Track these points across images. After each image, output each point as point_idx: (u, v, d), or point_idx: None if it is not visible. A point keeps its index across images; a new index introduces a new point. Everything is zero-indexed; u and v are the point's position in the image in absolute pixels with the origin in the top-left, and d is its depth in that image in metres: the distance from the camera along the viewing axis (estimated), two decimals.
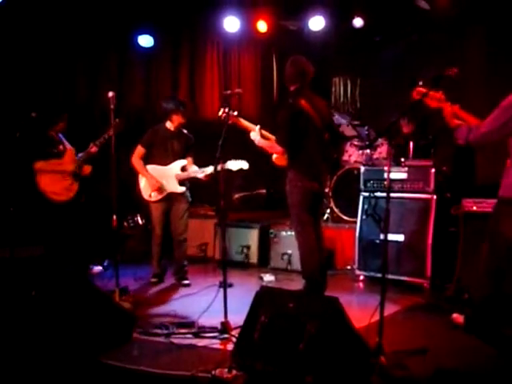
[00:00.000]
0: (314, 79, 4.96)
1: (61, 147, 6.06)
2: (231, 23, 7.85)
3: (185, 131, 5.95)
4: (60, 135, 6.14)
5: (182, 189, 5.80)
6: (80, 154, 6.08)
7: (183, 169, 5.82)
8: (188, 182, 5.88)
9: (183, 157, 5.84)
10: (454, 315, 4.28)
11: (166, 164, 5.80)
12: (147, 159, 5.86)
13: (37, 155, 5.98)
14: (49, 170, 5.99)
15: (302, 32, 8.03)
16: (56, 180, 5.99)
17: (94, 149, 5.98)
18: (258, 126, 5.06)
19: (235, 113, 5.16)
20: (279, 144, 4.83)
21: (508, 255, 3.75)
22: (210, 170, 5.52)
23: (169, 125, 5.84)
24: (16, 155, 5.44)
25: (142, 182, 5.86)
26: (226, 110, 4.98)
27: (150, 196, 5.81)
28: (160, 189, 5.74)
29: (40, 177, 5.99)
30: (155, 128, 5.91)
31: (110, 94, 4.81)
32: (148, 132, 5.91)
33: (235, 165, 5.37)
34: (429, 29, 7.40)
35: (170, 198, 5.82)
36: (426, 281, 5.37)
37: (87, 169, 6.07)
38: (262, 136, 5.06)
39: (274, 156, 4.99)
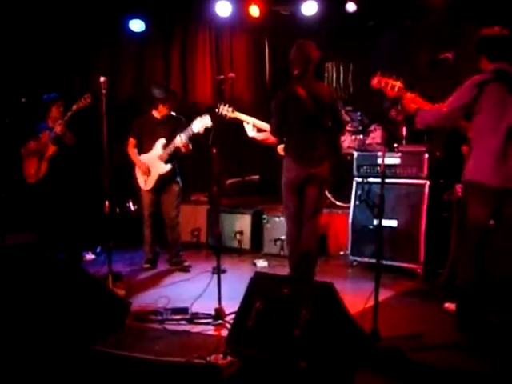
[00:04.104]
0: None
1: (46, 133, 5.93)
2: (223, 7, 7.76)
3: (173, 114, 5.85)
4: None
5: (168, 166, 5.71)
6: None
7: (165, 146, 5.71)
8: (172, 157, 5.75)
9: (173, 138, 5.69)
10: (446, 304, 4.29)
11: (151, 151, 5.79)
12: (139, 149, 5.85)
13: (23, 141, 5.94)
14: (26, 153, 5.97)
15: (294, 17, 7.95)
16: (32, 163, 5.94)
17: (58, 128, 5.74)
18: (252, 120, 5.04)
19: (230, 109, 5.09)
20: (272, 133, 4.82)
21: (481, 239, 3.75)
22: (177, 141, 5.53)
23: (155, 113, 5.79)
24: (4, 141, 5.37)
25: (138, 171, 5.84)
26: (224, 106, 4.99)
27: (146, 184, 5.78)
28: (148, 172, 5.70)
29: (24, 161, 5.99)
30: (141, 118, 5.87)
31: (102, 78, 4.73)
32: (135, 123, 5.89)
33: (199, 125, 5.35)
34: (423, 14, 7.33)
35: (163, 185, 5.77)
36: (420, 266, 5.37)
37: (51, 149, 5.84)
38: (259, 129, 5.03)
39: (279, 147, 4.95)
